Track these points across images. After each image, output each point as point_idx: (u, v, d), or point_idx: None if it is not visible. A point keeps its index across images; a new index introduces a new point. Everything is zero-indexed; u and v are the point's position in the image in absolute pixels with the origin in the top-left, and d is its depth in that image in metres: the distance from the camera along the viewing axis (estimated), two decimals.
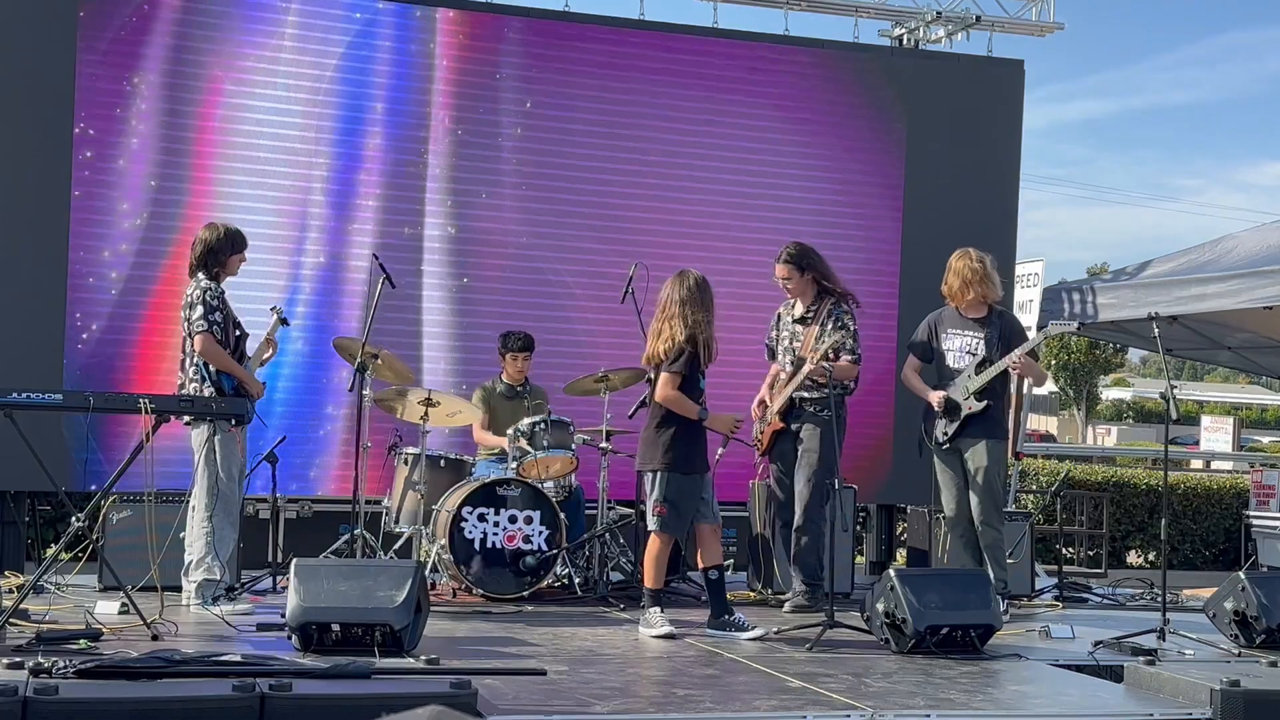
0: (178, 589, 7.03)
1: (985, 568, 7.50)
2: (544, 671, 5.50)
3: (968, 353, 7.74)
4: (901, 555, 10.27)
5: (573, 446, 8.14)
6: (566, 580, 8.06)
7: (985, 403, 7.63)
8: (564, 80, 9.58)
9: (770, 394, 8.04)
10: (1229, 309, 10.06)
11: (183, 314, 7.23)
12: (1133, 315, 10.47)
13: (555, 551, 7.78)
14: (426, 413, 7.89)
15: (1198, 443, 23.50)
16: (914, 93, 10.29)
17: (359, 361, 7.64)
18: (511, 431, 8.11)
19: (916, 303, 9.24)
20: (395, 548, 8.05)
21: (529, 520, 7.77)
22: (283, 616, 5.97)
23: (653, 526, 6.82)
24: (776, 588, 8.14)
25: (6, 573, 7.76)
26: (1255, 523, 12.42)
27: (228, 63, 8.96)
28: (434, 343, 9.34)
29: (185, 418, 7.02)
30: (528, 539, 7.76)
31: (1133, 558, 13.84)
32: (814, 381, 7.74)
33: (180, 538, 6.99)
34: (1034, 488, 13.06)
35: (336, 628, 5.73)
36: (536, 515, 7.77)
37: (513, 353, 8.69)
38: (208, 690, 4.55)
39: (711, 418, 6.86)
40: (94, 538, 6.52)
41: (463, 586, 7.75)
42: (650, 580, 6.80)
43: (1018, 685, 5.79)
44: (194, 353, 7.11)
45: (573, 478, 8.32)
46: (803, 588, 7.81)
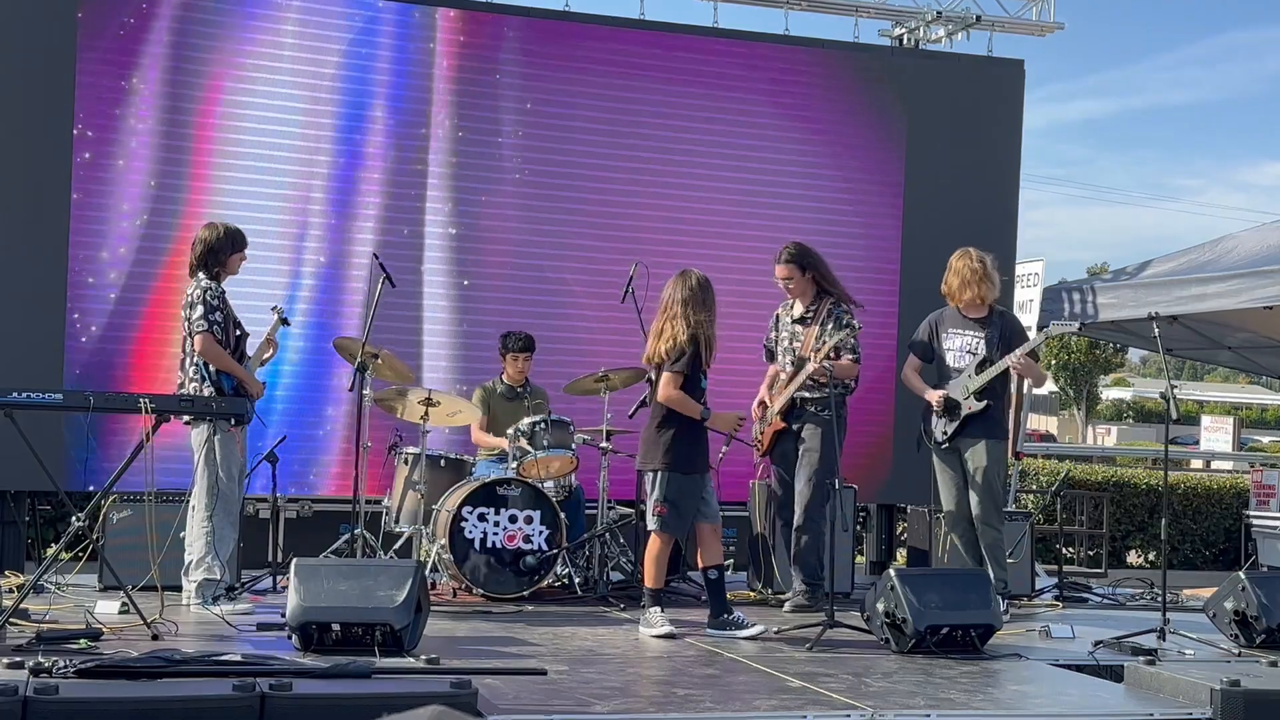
0: (178, 589, 7.03)
1: (985, 568, 7.51)
2: (544, 671, 5.50)
3: (968, 352, 7.74)
4: (901, 555, 10.27)
5: (573, 446, 8.14)
6: (567, 580, 8.06)
7: (985, 402, 7.63)
8: (564, 80, 9.58)
9: (770, 395, 8.04)
10: (1229, 309, 10.07)
11: (183, 314, 7.23)
12: (1133, 315, 10.47)
13: (555, 551, 7.78)
14: (427, 412, 7.88)
15: (1197, 443, 23.50)
16: (914, 93, 10.29)
17: (359, 361, 7.64)
18: (512, 431, 8.11)
19: (916, 303, 9.24)
20: (395, 547, 8.04)
21: (529, 520, 7.76)
22: (283, 616, 5.97)
23: (653, 526, 6.82)
24: (776, 588, 8.14)
25: (6, 572, 7.75)
26: (1255, 523, 12.42)
27: (227, 61, 8.96)
28: (434, 341, 9.34)
29: (185, 417, 7.02)
30: (528, 539, 7.76)
31: (1133, 558, 13.84)
32: (815, 381, 7.74)
33: (180, 537, 6.99)
34: (1034, 488, 13.05)
35: (337, 627, 5.73)
36: (537, 515, 7.77)
37: (513, 353, 8.68)
38: (208, 690, 4.55)
39: (714, 417, 6.86)
40: (94, 537, 6.51)
41: (463, 586, 7.75)
42: (650, 580, 6.80)
43: (1018, 685, 5.79)
44: (194, 352, 7.10)
45: (573, 477, 8.31)
46: (803, 587, 7.81)
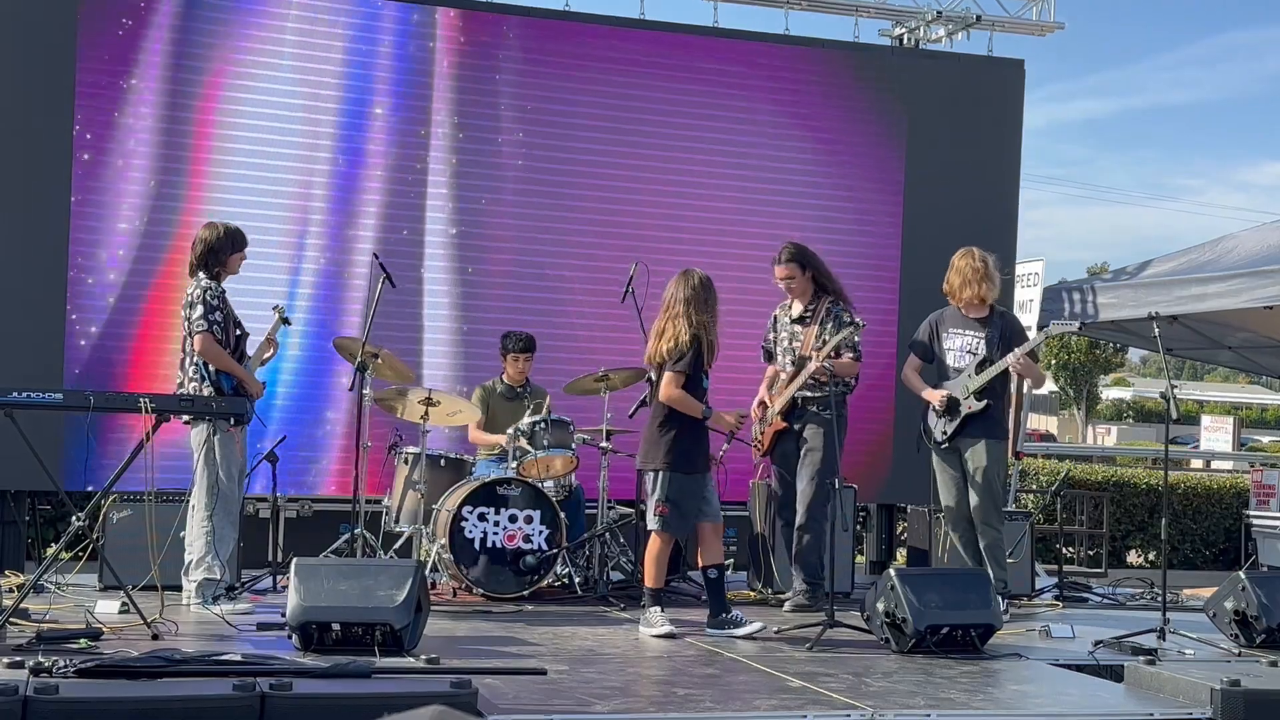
0: (178, 588, 7.03)
1: (985, 567, 7.50)
2: (544, 671, 5.50)
3: (968, 352, 7.74)
4: (901, 555, 10.27)
5: (573, 446, 8.14)
6: (567, 580, 8.06)
7: (985, 402, 7.63)
8: (564, 79, 9.57)
9: (770, 395, 8.04)
10: (1229, 309, 10.07)
11: (183, 313, 7.22)
12: (1133, 315, 10.47)
13: (555, 551, 7.77)
14: (427, 412, 7.88)
15: (1197, 444, 23.49)
16: (914, 92, 10.28)
17: (359, 361, 7.64)
18: (512, 431, 8.10)
19: (916, 303, 9.24)
20: (395, 547, 8.04)
21: (529, 520, 7.76)
22: (283, 616, 5.97)
23: (654, 526, 6.82)
24: (777, 587, 8.13)
25: (6, 572, 7.75)
26: (1255, 522, 12.42)
27: (227, 61, 8.96)
28: (434, 340, 9.34)
29: (185, 417, 7.02)
30: (528, 538, 7.76)
31: (1133, 557, 13.84)
32: (815, 380, 7.74)
33: (180, 537, 6.99)
34: (1034, 487, 13.05)
35: (337, 627, 5.73)
36: (537, 515, 7.77)
37: (514, 354, 8.68)
38: (208, 690, 4.54)
39: (715, 415, 6.87)
40: (94, 537, 6.51)
41: (463, 586, 7.75)
42: (650, 579, 6.80)
43: (1018, 685, 5.79)
44: (194, 352, 7.10)
45: (573, 477, 8.31)
46: (803, 587, 7.81)
